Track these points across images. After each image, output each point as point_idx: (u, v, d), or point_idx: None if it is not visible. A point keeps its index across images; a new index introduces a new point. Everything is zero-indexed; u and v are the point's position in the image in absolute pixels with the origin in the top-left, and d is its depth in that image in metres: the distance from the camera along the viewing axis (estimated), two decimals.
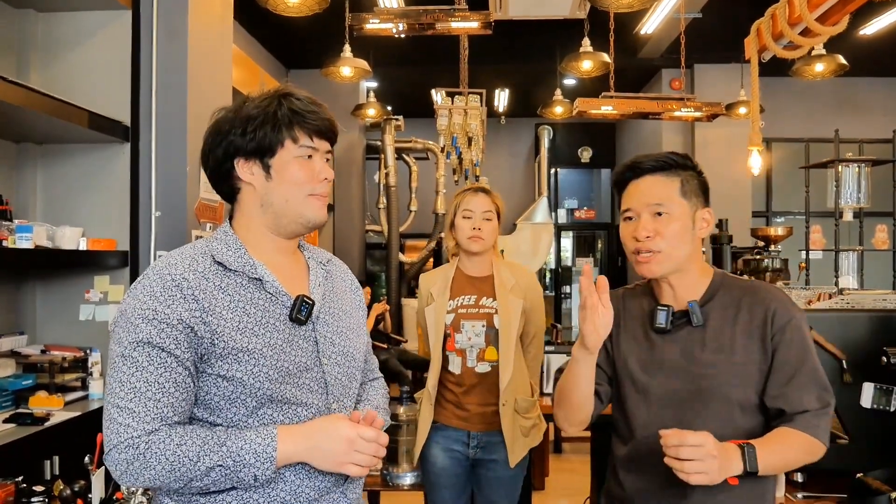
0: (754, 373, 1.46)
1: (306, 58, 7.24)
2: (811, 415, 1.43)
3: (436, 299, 2.54)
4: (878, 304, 2.12)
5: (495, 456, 2.48)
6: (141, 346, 1.21)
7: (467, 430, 2.48)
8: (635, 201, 1.52)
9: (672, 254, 1.48)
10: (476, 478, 2.54)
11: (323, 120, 1.35)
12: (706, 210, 1.54)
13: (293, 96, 1.35)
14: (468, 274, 2.57)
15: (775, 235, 4.65)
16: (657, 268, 1.49)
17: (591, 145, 10.26)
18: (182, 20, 3.35)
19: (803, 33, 2.32)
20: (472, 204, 2.53)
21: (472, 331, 2.47)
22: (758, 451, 1.35)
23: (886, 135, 6.35)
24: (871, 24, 5.93)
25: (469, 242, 2.50)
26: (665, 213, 1.48)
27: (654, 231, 1.48)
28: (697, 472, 1.29)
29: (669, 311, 1.50)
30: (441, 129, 5.35)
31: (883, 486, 1.76)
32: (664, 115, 5.01)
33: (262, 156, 1.33)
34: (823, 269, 6.74)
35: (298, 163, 1.33)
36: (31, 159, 3.33)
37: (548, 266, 10.09)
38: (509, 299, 2.49)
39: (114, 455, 1.20)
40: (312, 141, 1.34)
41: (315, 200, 1.35)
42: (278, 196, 1.34)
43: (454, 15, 3.69)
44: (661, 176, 1.51)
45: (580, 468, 4.94)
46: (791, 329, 1.46)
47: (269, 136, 1.32)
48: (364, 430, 1.27)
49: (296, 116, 1.32)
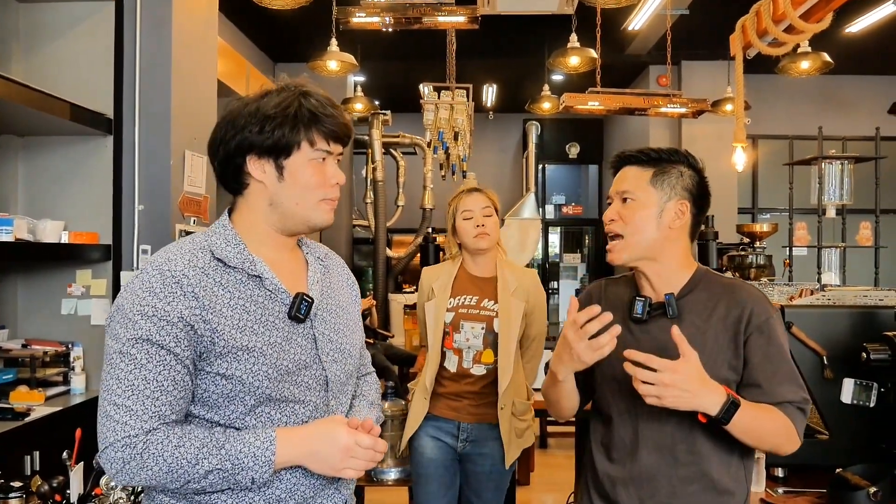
0: (723, 368, 1.47)
1: (293, 51, 7.18)
2: (793, 406, 1.46)
3: (437, 295, 2.52)
4: (860, 300, 2.14)
5: (485, 450, 2.47)
6: (139, 343, 1.19)
7: (457, 421, 2.47)
8: (612, 189, 1.58)
9: (632, 240, 1.51)
10: (464, 473, 2.54)
11: (340, 124, 1.32)
12: (681, 202, 1.53)
13: (312, 97, 1.31)
14: (472, 273, 2.55)
15: (760, 232, 4.68)
16: (619, 255, 1.53)
17: (579, 141, 10.28)
18: (166, 11, 3.32)
19: (788, 30, 2.33)
20: (471, 204, 2.52)
21: (471, 332, 2.46)
22: (739, 410, 1.36)
23: (870, 132, 6.41)
24: (856, 23, 5.97)
25: (476, 241, 2.49)
26: (630, 200, 1.53)
27: (618, 215, 1.53)
28: (650, 393, 1.34)
29: (647, 302, 1.52)
30: (427, 123, 5.34)
31: (862, 482, 1.77)
32: (650, 112, 5.02)
33: (277, 156, 1.30)
34: (807, 265, 6.79)
35: (312, 166, 1.31)
36: (13, 152, 3.29)
37: (535, 262, 10.11)
38: (511, 302, 2.47)
39: (109, 453, 1.18)
40: (329, 145, 1.32)
41: (325, 205, 1.34)
42: (288, 198, 1.31)
43: (441, 9, 3.67)
44: (636, 167, 1.55)
45: (565, 463, 4.96)
46: (769, 329, 1.48)
47: (288, 136, 1.28)
48: (362, 438, 1.27)
49: (314, 119, 1.29)
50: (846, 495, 1.76)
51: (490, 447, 2.47)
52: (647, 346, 1.49)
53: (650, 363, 1.34)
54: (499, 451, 2.46)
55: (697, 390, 1.34)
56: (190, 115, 3.46)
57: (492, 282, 2.53)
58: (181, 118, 3.38)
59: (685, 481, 1.47)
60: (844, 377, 1.94)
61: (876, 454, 1.93)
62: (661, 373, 1.32)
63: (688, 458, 1.47)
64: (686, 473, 1.47)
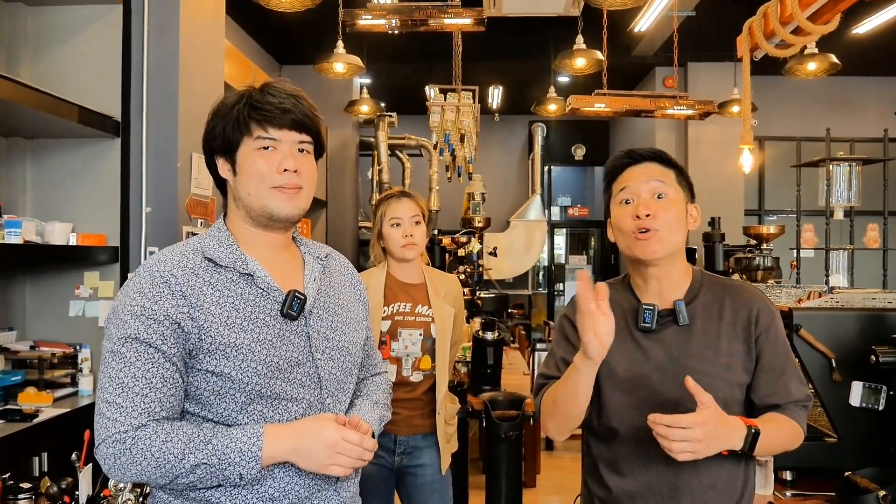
0: (739, 371, 1.47)
1: (300, 53, 7.21)
2: (799, 405, 1.48)
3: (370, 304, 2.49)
4: (868, 302, 2.13)
5: (422, 461, 2.43)
6: (129, 342, 1.22)
7: (394, 434, 2.40)
8: (634, 180, 1.49)
9: (670, 238, 1.46)
10: (404, 487, 2.48)
11: (275, 109, 1.32)
12: (694, 206, 1.55)
13: (266, 90, 1.34)
14: (401, 280, 2.50)
15: (767, 234, 4.66)
16: (658, 246, 1.45)
17: (585, 143, 10.26)
18: (174, 14, 3.33)
19: (795, 32, 2.32)
20: (399, 211, 2.45)
21: (409, 339, 2.42)
22: (760, 436, 1.37)
23: (878, 134, 6.37)
24: (863, 24, 5.95)
25: (404, 251, 2.44)
26: (665, 197, 1.47)
27: (655, 212, 1.45)
28: (684, 451, 1.31)
29: (655, 311, 1.48)
30: (433, 125, 5.34)
31: (871, 485, 1.76)
32: (657, 113, 5.02)
33: (228, 152, 1.35)
34: (814, 267, 6.76)
35: (258, 155, 1.33)
36: (21, 154, 3.30)
37: (541, 263, 10.09)
38: (443, 308, 2.47)
39: (102, 449, 1.21)
40: (267, 132, 1.32)
41: (279, 193, 1.33)
42: (243, 191, 1.34)
43: (447, 11, 3.67)
44: (657, 164, 1.52)
45: (571, 465, 4.96)
46: (775, 329, 1.49)
47: (229, 132, 1.33)
48: (349, 434, 1.27)
49: (253, 111, 1.32)
50: (855, 499, 1.75)
51: (428, 456, 2.43)
52: (657, 357, 1.48)
53: (678, 424, 1.31)
54: (436, 459, 2.44)
55: (724, 434, 1.34)
56: (197, 118, 3.46)
57: (421, 288, 2.50)
58: (188, 121, 3.39)
59: (706, 489, 1.46)
60: (853, 380, 1.94)
61: (885, 457, 1.93)
62: (692, 430, 1.30)
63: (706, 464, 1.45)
64: (707, 482, 1.46)
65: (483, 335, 3.44)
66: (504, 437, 3.04)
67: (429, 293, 2.49)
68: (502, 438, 3.04)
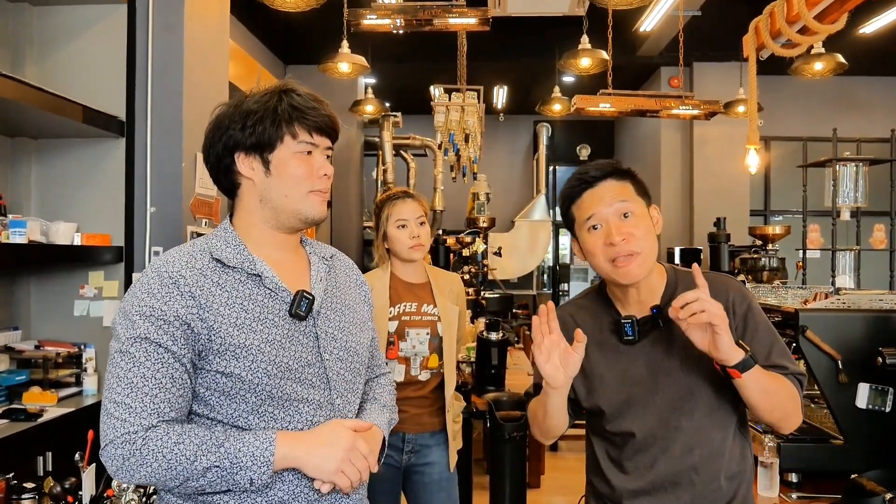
0: None
1: (304, 53, 7.21)
2: (794, 377, 1.46)
3: (375, 305, 2.49)
4: (875, 304, 2.11)
5: (430, 459, 2.43)
6: (138, 342, 1.22)
7: (402, 433, 2.40)
8: (597, 205, 1.46)
9: (650, 254, 1.46)
10: (411, 486, 2.47)
11: (323, 116, 1.35)
12: (654, 208, 1.53)
13: (294, 92, 1.34)
14: (405, 280, 2.50)
15: (773, 234, 4.65)
16: (639, 269, 1.44)
17: (590, 143, 10.25)
18: (178, 14, 3.34)
19: (802, 31, 2.30)
20: (405, 212, 2.46)
21: (416, 338, 2.43)
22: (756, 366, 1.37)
23: (885, 134, 6.33)
24: (870, 24, 5.92)
25: (411, 252, 2.44)
26: (631, 214, 1.45)
27: (628, 233, 1.44)
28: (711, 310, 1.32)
29: (635, 322, 1.48)
30: (438, 125, 5.34)
31: (878, 488, 1.75)
32: (662, 113, 5.00)
33: (262, 151, 1.33)
34: (821, 268, 6.72)
35: (298, 158, 1.33)
36: (26, 154, 3.31)
37: (546, 264, 10.08)
38: (448, 306, 2.47)
39: (110, 450, 1.19)
40: (312, 137, 1.34)
41: (314, 197, 1.35)
42: (277, 192, 1.34)
43: (452, 11, 3.67)
44: (613, 180, 1.49)
45: (576, 466, 4.94)
46: (752, 313, 1.48)
47: (269, 131, 1.32)
48: (360, 443, 1.29)
49: (296, 112, 1.32)
50: (861, 501, 1.74)
51: (435, 454, 2.44)
52: (643, 364, 1.49)
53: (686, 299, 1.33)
54: (444, 457, 2.44)
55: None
56: (201, 118, 3.46)
57: (426, 287, 2.51)
58: (193, 121, 3.39)
59: (706, 482, 1.46)
60: (859, 382, 1.92)
61: (892, 460, 1.91)
62: (699, 296, 1.32)
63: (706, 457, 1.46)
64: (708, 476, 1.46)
65: (487, 335, 3.43)
66: (508, 438, 3.03)
67: (433, 292, 2.49)
68: (506, 439, 3.03)
